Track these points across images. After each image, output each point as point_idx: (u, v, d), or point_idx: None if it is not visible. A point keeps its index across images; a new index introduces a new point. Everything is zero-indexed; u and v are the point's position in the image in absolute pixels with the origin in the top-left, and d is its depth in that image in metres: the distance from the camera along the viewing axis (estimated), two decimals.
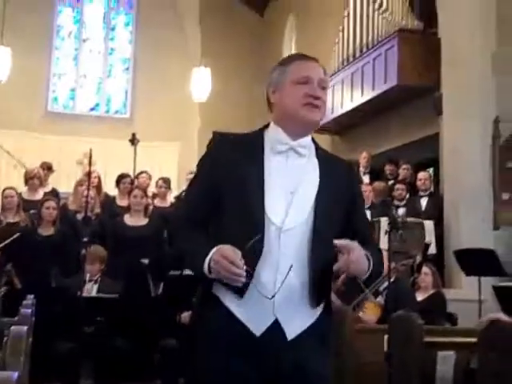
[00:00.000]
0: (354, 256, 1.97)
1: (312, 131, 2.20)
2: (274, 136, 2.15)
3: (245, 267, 1.91)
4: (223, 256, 1.92)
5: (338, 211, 2.13)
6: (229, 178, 2.07)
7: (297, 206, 2.07)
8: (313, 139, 2.22)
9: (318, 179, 2.13)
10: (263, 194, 2.05)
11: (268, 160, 2.11)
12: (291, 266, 1.97)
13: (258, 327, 2.01)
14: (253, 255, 1.96)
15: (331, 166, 2.20)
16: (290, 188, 2.08)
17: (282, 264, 1.99)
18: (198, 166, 2.24)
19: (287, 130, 2.14)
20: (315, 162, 2.17)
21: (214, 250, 1.96)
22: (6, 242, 5.95)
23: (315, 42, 12.70)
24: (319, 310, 2.10)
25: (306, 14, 13.46)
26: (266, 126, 2.22)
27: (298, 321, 2.05)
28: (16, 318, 3.48)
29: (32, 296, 4.49)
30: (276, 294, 1.98)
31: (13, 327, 2.39)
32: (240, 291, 2.00)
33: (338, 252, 1.98)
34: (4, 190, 6.77)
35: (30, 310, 3.82)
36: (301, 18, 13.89)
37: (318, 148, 2.21)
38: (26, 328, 2.66)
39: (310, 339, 2.05)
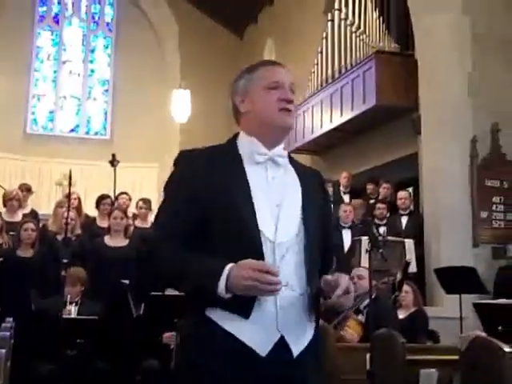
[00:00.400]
0: (347, 291, 1.96)
1: (285, 138, 2.12)
2: (250, 147, 2.06)
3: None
4: (253, 269, 1.81)
5: (319, 221, 2.08)
6: (210, 193, 1.96)
7: (285, 218, 1.99)
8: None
9: (300, 189, 2.07)
10: (253, 207, 1.96)
11: (248, 171, 2.02)
12: (287, 283, 1.91)
13: (263, 347, 1.89)
14: None
15: (306, 175, 2.14)
16: (276, 200, 2.01)
17: (281, 279, 1.87)
18: (168, 185, 2.08)
19: (262, 139, 2.06)
20: (292, 171, 2.11)
21: (230, 266, 1.84)
22: None
23: (294, 64, 12.75)
24: (314, 324, 2.03)
25: (284, 37, 13.58)
26: (235, 136, 2.12)
27: (300, 336, 1.96)
28: None
29: (11, 319, 4.44)
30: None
31: None
32: (245, 311, 1.88)
33: (328, 285, 1.96)
34: None
35: (8, 333, 3.78)
36: (279, 40, 14.01)
37: (290, 157, 2.14)
38: (4, 351, 2.63)
39: (310, 356, 1.98)
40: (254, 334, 1.89)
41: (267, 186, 2.02)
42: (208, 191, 1.96)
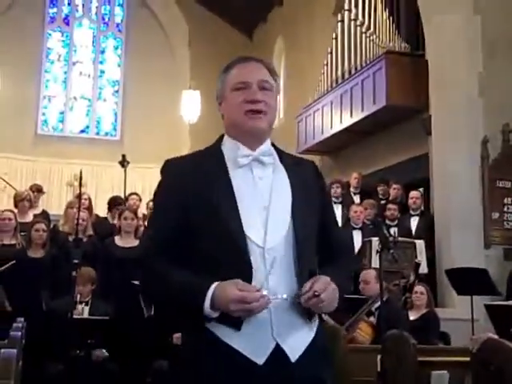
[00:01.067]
0: (325, 297, 1.85)
1: (264, 138, 2.02)
2: (233, 150, 1.99)
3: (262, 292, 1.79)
4: (238, 290, 1.77)
5: (313, 218, 2.00)
6: (197, 200, 1.90)
7: (274, 221, 1.92)
8: (273, 144, 2.07)
9: (290, 188, 1.99)
10: (238, 213, 1.89)
11: (233, 175, 1.94)
12: (283, 296, 1.85)
13: (259, 355, 1.85)
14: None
15: (299, 170, 2.05)
16: (263, 202, 1.93)
17: (272, 284, 1.85)
18: (156, 194, 2.05)
19: (242, 141, 1.99)
20: (281, 169, 2.02)
21: (214, 286, 1.80)
22: (1, 269, 5.92)
23: (304, 65, 12.79)
24: (315, 323, 1.98)
25: (294, 37, 13.57)
26: (220, 139, 2.06)
27: (298, 339, 1.91)
28: (6, 341, 3.45)
29: (22, 319, 4.46)
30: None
31: (2, 350, 2.37)
32: (236, 324, 1.84)
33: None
34: (2, 212, 6.76)
35: (19, 333, 3.79)
36: (289, 41, 14.01)
37: (281, 153, 2.06)
38: (15, 351, 2.63)
39: (312, 356, 1.92)
40: (250, 343, 1.86)
41: (254, 189, 1.95)
42: (194, 198, 1.91)
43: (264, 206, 1.93)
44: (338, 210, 8.38)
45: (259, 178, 1.97)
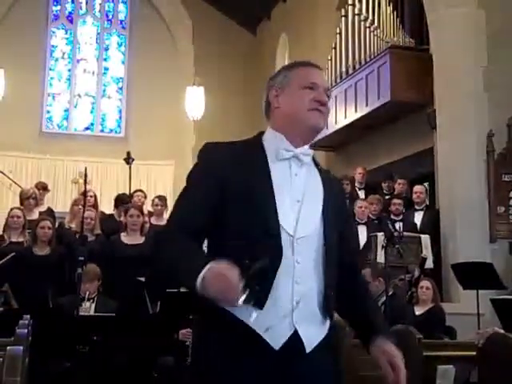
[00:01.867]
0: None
1: (313, 138, 2.15)
2: (276, 143, 2.08)
3: (241, 284, 1.77)
4: (219, 275, 1.78)
5: (338, 225, 2.11)
6: (234, 183, 1.98)
7: (306, 215, 2.02)
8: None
9: (322, 191, 2.10)
10: (274, 200, 1.98)
11: (272, 167, 2.04)
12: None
13: (277, 340, 1.90)
14: (259, 279, 1.81)
15: (330, 180, 2.17)
16: (297, 197, 2.04)
17: (298, 273, 1.94)
18: (192, 173, 2.10)
19: (290, 137, 2.08)
20: (316, 172, 2.14)
21: (208, 267, 1.81)
22: (2, 261, 5.94)
23: (308, 59, 12.75)
24: (329, 322, 2.04)
25: (298, 33, 13.54)
26: (260, 134, 2.15)
27: (315, 332, 1.98)
28: (12, 339, 3.45)
29: (28, 316, 4.47)
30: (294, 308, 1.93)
31: (9, 347, 2.37)
32: (260, 301, 1.87)
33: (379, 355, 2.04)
34: (11, 210, 6.81)
35: (26, 331, 3.80)
36: (293, 36, 13.98)
37: (315, 160, 2.17)
38: (22, 348, 2.63)
39: (323, 353, 1.99)
40: (269, 327, 1.90)
41: (290, 182, 2.04)
42: (231, 181, 1.98)
43: (297, 199, 2.03)
44: None
45: (295, 175, 2.07)
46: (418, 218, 7.93)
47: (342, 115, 10.55)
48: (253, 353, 1.90)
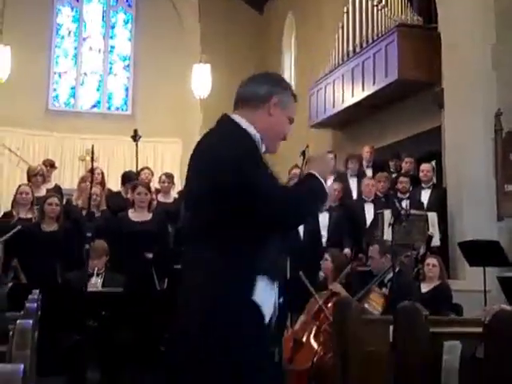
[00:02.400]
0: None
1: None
2: (259, 141, 2.41)
3: None
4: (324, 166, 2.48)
5: None
6: (271, 175, 2.36)
7: None
8: None
9: None
10: None
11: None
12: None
13: (267, 315, 2.29)
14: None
15: None
16: None
17: None
18: (244, 168, 2.25)
19: (266, 142, 2.43)
20: None
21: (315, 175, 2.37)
22: (8, 235, 5.98)
23: (314, 39, 12.70)
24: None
25: (304, 11, 13.45)
26: (238, 124, 2.41)
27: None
28: (22, 313, 3.49)
29: (37, 291, 4.50)
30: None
31: (18, 321, 2.40)
32: (274, 276, 2.30)
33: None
34: (19, 186, 6.85)
35: (35, 305, 3.83)
36: (299, 15, 13.88)
37: None
38: (31, 322, 2.66)
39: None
40: (266, 303, 2.27)
41: None
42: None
43: None
44: (354, 184, 8.42)
45: None
46: (425, 196, 7.91)
47: (349, 94, 10.51)
48: (259, 321, 2.26)
